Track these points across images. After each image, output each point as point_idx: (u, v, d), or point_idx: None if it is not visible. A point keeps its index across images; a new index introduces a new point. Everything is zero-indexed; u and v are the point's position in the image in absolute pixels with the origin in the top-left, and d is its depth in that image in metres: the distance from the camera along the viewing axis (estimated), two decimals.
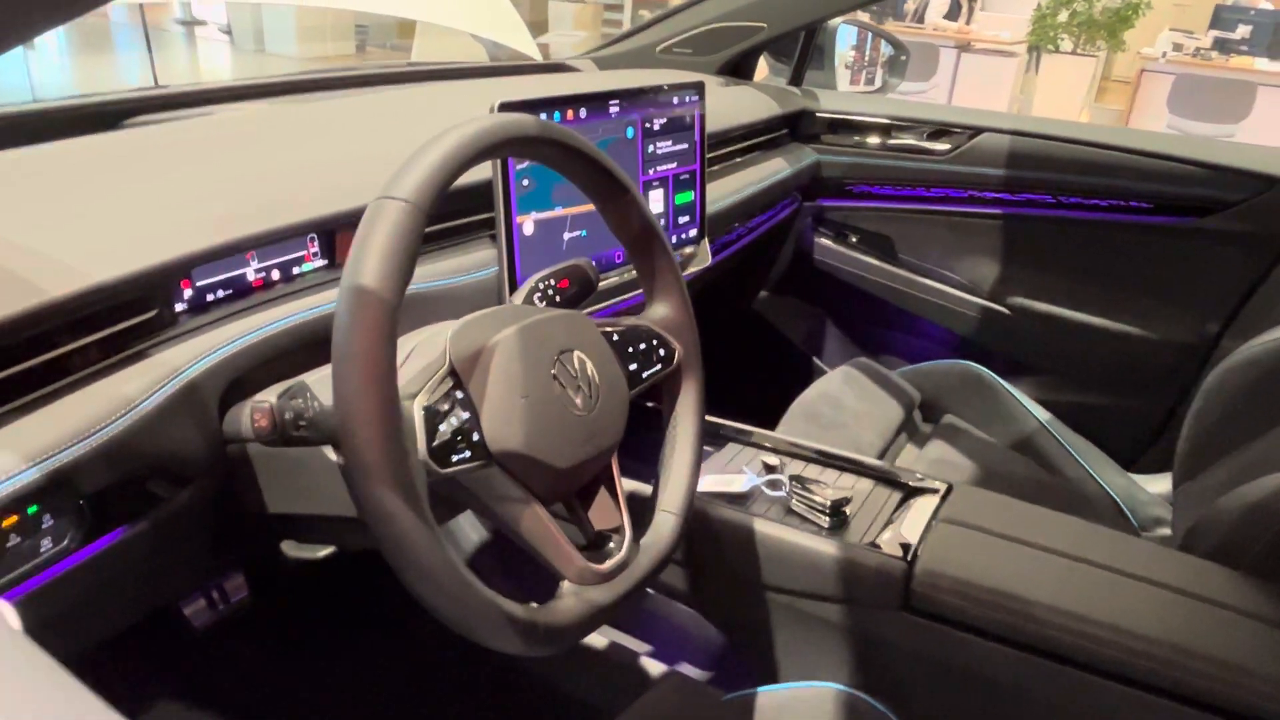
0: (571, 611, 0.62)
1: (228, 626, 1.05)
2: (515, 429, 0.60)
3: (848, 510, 0.95)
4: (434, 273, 0.89)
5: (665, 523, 0.74)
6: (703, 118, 1.18)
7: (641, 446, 0.85)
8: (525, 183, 0.94)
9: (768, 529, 0.93)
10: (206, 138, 0.92)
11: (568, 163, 0.70)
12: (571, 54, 1.67)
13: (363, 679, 1.19)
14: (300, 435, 0.57)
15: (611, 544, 0.70)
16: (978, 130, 1.57)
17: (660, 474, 0.77)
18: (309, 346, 0.78)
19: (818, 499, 0.95)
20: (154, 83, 1.18)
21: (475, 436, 0.59)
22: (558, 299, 0.79)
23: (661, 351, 0.77)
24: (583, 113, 0.99)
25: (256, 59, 7.98)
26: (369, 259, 0.53)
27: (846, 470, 1.04)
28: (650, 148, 1.10)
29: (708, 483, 0.98)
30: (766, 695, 0.87)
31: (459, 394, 0.60)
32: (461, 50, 2.30)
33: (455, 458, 0.58)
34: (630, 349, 0.75)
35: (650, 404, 0.83)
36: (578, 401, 0.66)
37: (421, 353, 0.63)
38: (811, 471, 1.04)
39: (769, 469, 1.03)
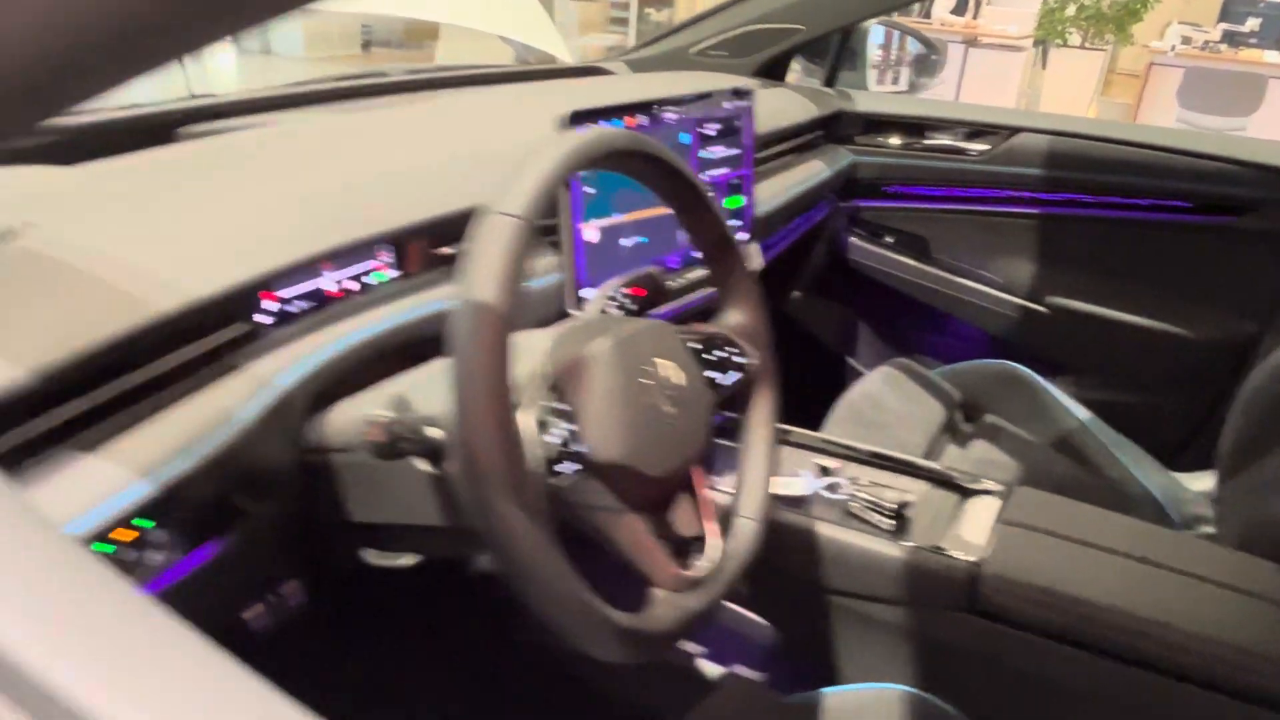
0: (668, 619, 0.63)
1: (282, 630, 1.06)
2: (616, 439, 0.61)
3: (909, 513, 0.96)
4: None
5: (746, 528, 0.75)
6: (753, 122, 1.19)
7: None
8: (588, 190, 0.94)
9: (830, 532, 0.94)
10: (271, 150, 0.93)
11: (654, 174, 0.70)
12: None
13: (418, 683, 1.20)
14: (406, 448, 0.58)
15: (695, 551, 0.71)
16: (1015, 130, 1.57)
17: (738, 480, 0.78)
18: (387, 356, 0.79)
19: (880, 502, 0.96)
20: (188, 91, 1.18)
21: (578, 447, 0.60)
22: (634, 307, 0.80)
23: (738, 359, 0.78)
24: (644, 120, 1.00)
25: (263, 61, 7.96)
26: (488, 275, 0.53)
27: (901, 472, 1.05)
28: (703, 153, 1.11)
29: None
30: (832, 696, 0.88)
31: (561, 405, 0.61)
32: (485, 51, 2.30)
33: (561, 468, 0.59)
34: (709, 356, 0.76)
35: None
36: (669, 411, 0.67)
37: (519, 364, 0.64)
38: (866, 474, 1.04)
39: (824, 471, 1.03)
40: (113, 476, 0.56)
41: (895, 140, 1.67)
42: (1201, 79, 6.01)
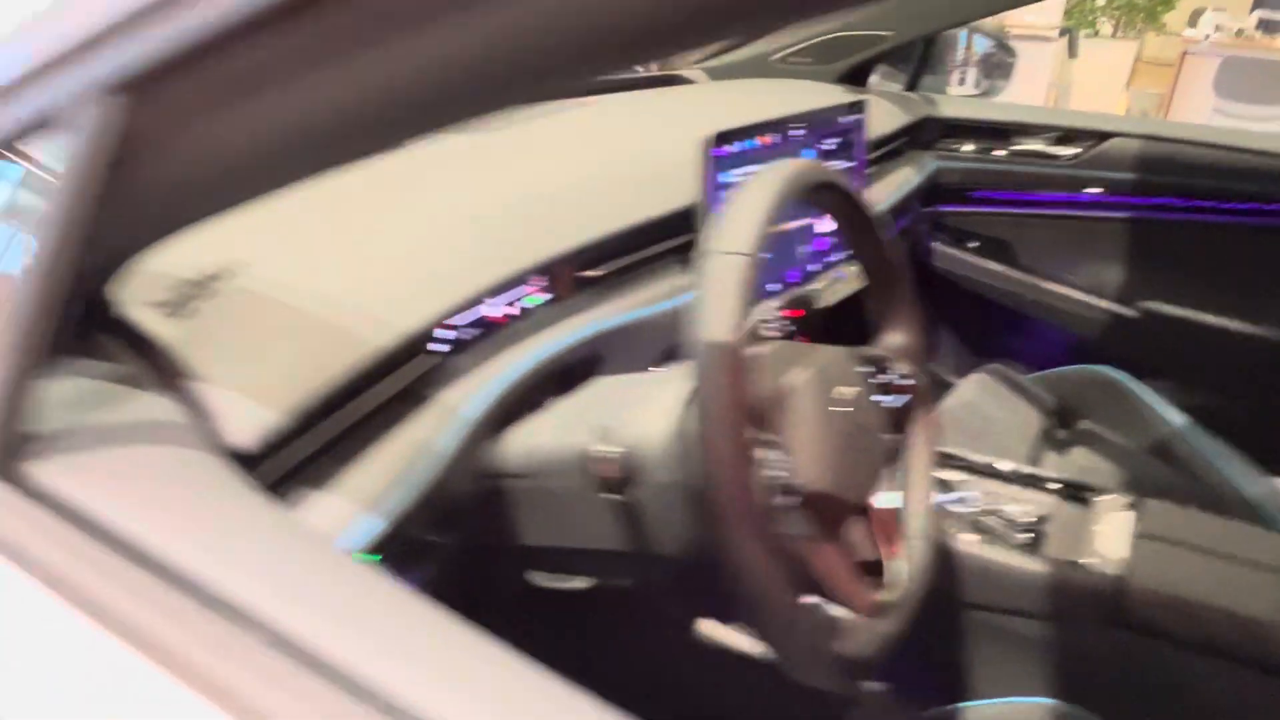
0: (869, 645, 0.64)
1: None
2: (821, 469, 0.62)
3: (1044, 527, 0.96)
4: (635, 303, 0.92)
5: (919, 549, 0.76)
6: (864, 135, 1.19)
7: None
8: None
9: (963, 546, 0.94)
10: (412, 177, 0.93)
11: (833, 202, 0.71)
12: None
13: None
14: (625, 480, 0.59)
15: (873, 574, 0.71)
16: (1106, 135, 1.56)
17: (905, 502, 0.78)
18: (549, 380, 0.81)
19: (1013, 515, 0.96)
20: None
21: (788, 477, 0.61)
22: (792, 328, 0.81)
23: (903, 381, 0.79)
24: (776, 138, 1.00)
25: None
26: (724, 315, 0.55)
27: (1024, 484, 1.05)
28: None
29: None
30: (976, 710, 0.89)
31: (766, 437, 0.62)
32: None
33: (774, 500, 0.60)
34: (875, 380, 0.76)
35: None
36: (857, 437, 0.67)
37: None
38: (990, 485, 1.05)
39: (946, 485, 1.04)
40: (342, 511, 0.57)
41: (981, 145, 1.67)
42: (1238, 67, 5.94)
